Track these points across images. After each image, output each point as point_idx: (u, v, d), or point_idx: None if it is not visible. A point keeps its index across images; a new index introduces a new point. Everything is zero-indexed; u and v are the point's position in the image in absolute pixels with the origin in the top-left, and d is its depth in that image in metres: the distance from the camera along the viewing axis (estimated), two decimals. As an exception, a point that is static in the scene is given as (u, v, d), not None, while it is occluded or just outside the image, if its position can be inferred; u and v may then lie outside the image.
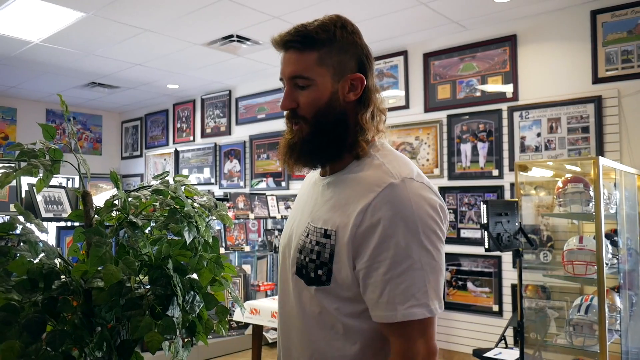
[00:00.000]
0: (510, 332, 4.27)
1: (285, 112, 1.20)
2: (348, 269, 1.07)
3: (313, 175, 1.30)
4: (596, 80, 4.24)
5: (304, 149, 1.15)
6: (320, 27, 1.13)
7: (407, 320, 1.01)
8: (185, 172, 7.93)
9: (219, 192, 7.06)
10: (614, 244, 3.38)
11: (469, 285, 4.88)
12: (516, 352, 3.61)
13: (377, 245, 1.03)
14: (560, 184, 3.35)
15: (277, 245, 5.79)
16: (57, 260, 1.08)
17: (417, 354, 1.02)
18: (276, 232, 5.92)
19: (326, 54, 1.13)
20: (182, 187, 1.18)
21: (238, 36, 5.13)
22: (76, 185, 7.97)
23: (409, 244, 1.02)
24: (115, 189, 1.15)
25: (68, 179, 8.13)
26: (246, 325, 5.12)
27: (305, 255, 1.13)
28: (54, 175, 1.16)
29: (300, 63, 1.13)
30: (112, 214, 1.17)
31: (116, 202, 1.16)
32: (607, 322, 2.95)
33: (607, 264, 3.08)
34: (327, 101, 1.14)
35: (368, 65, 1.19)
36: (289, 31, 1.15)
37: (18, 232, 1.08)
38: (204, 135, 7.71)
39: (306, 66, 1.12)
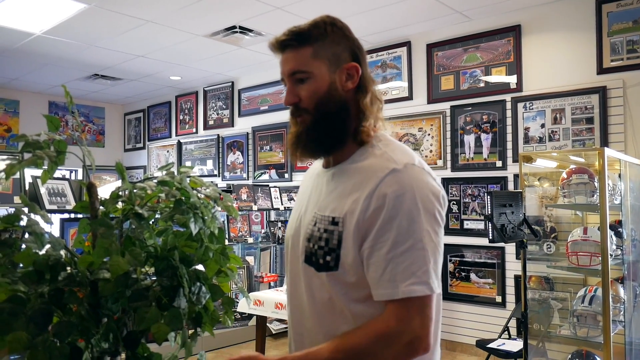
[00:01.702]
0: (513, 323, 4.27)
1: (290, 109, 1.26)
2: (354, 253, 1.12)
3: (315, 168, 1.36)
4: (601, 70, 4.22)
5: (309, 137, 1.21)
6: (311, 25, 1.22)
7: (407, 297, 1.05)
8: (188, 164, 7.93)
9: (222, 184, 7.07)
10: (618, 235, 3.37)
11: (472, 276, 4.89)
12: (519, 343, 3.61)
13: (380, 226, 1.09)
14: (564, 175, 3.34)
15: (280, 237, 5.80)
16: (63, 252, 1.08)
17: (411, 328, 1.06)
18: (279, 224, 5.92)
19: (320, 47, 1.20)
20: (188, 179, 1.18)
21: (241, 27, 5.10)
22: (79, 177, 7.98)
23: (410, 225, 1.08)
24: (119, 180, 1.15)
25: (71, 171, 8.14)
26: (250, 316, 5.14)
27: (314, 243, 1.18)
28: (58, 167, 1.15)
29: (297, 59, 1.20)
30: (117, 205, 1.17)
31: (121, 193, 1.15)
32: (611, 313, 2.95)
33: (611, 255, 3.08)
34: (327, 91, 1.20)
35: (360, 56, 1.25)
36: (283, 33, 1.22)
37: (23, 223, 1.08)
38: (206, 127, 7.70)
39: (303, 61, 1.20)
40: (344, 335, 1.10)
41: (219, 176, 7.49)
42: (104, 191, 1.19)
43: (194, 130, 7.89)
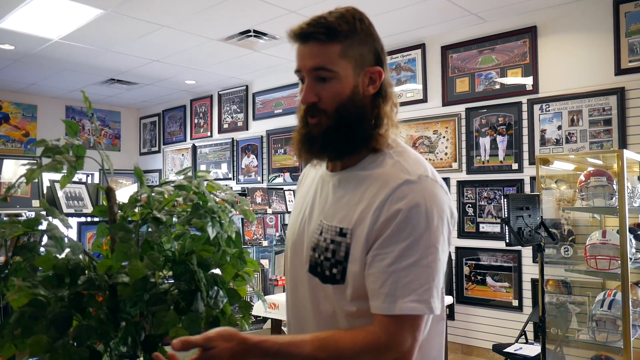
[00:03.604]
0: (530, 327, 4.22)
1: (300, 106, 1.17)
2: (362, 266, 1.06)
3: (317, 170, 1.28)
4: (619, 71, 4.16)
5: (325, 142, 1.13)
6: (341, 18, 1.11)
7: (404, 314, 1.00)
8: (202, 167, 7.98)
9: (236, 187, 7.09)
10: (638, 238, 3.32)
11: (488, 280, 4.84)
12: (536, 348, 3.57)
13: (387, 237, 1.03)
14: (582, 178, 3.30)
15: (294, 240, 5.79)
16: (81, 256, 1.09)
17: (400, 347, 1.01)
18: (294, 227, 5.92)
19: (349, 46, 1.11)
20: (205, 183, 1.18)
21: (255, 31, 5.12)
22: (95, 181, 8.06)
23: (418, 240, 1.02)
24: (136, 184, 1.16)
25: (87, 175, 8.23)
26: (264, 319, 5.14)
27: (320, 253, 1.12)
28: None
29: (323, 55, 1.10)
30: (134, 209, 1.18)
31: (139, 197, 1.16)
32: (631, 317, 2.91)
33: (630, 259, 3.04)
34: (350, 95, 1.11)
35: (383, 58, 1.17)
36: (308, 23, 1.12)
37: (42, 227, 1.09)
38: (221, 130, 7.73)
39: (330, 59, 1.10)
40: (331, 335, 1.03)
41: (233, 179, 7.51)
42: (121, 195, 1.20)
43: (209, 133, 7.93)
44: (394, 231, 1.03)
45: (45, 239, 1.06)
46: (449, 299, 3.94)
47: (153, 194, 1.13)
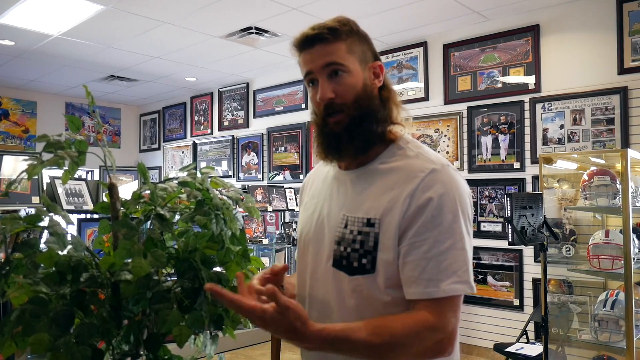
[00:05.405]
0: (531, 327, 4.21)
1: (314, 108, 1.21)
2: (395, 254, 1.10)
3: (326, 170, 1.31)
4: (622, 70, 4.14)
5: (351, 136, 1.16)
6: (339, 22, 1.18)
7: (448, 295, 1.04)
8: (203, 164, 7.95)
9: (237, 185, 7.07)
10: (641, 238, 3.31)
11: (489, 279, 4.83)
12: (538, 347, 3.56)
13: (421, 225, 1.08)
14: (586, 177, 3.28)
15: (295, 238, 5.78)
16: (83, 253, 1.07)
17: (445, 327, 1.05)
18: (294, 225, 5.91)
19: (352, 43, 1.18)
20: (209, 179, 1.16)
21: (256, 28, 5.10)
22: (95, 177, 8.04)
23: (452, 224, 1.08)
24: (136, 181, 1.14)
25: (87, 172, 8.20)
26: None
27: (346, 246, 1.14)
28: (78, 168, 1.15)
29: (332, 52, 1.16)
30: (137, 206, 1.16)
31: (142, 193, 1.14)
32: (634, 317, 2.90)
33: (633, 259, 3.02)
34: (363, 87, 1.17)
35: (379, 58, 1.25)
36: (312, 28, 1.17)
37: (43, 224, 1.07)
38: (221, 128, 7.71)
39: (339, 54, 1.15)
40: (382, 320, 1.07)
41: (233, 177, 7.49)
42: (121, 192, 1.18)
43: (209, 131, 7.91)
44: (427, 218, 1.07)
45: (45, 235, 1.04)
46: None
47: (156, 191, 1.12)
